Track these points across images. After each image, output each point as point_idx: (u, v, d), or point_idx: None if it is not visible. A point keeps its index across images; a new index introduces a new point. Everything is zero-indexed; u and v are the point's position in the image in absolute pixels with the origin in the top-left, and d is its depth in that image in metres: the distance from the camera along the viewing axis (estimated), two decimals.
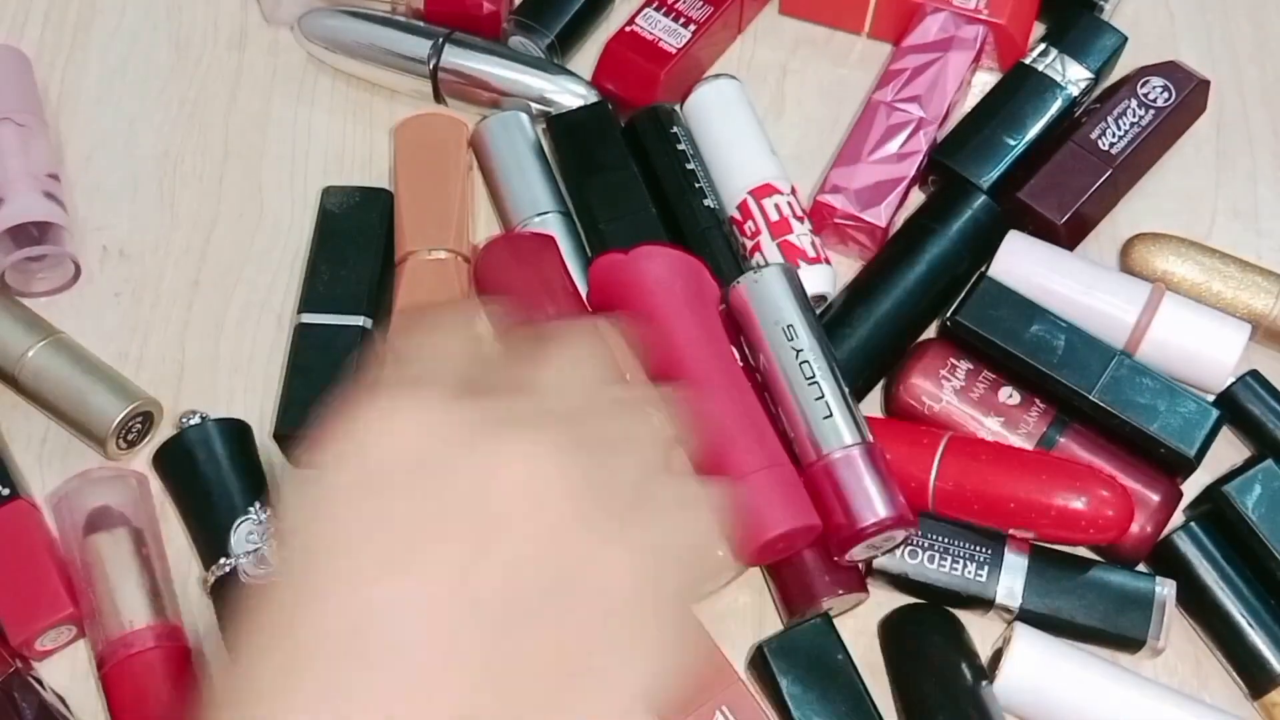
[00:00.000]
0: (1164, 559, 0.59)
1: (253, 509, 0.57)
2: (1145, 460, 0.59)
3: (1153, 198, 0.69)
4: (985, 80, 0.70)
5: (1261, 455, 0.60)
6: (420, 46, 0.69)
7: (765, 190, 0.65)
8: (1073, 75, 0.68)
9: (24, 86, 0.69)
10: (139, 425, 0.61)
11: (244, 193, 0.69)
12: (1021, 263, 0.63)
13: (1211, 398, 0.62)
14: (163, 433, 0.62)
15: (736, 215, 0.65)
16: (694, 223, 0.64)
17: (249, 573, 0.56)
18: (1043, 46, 0.69)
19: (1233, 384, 0.62)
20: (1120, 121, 0.66)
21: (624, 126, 0.68)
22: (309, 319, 0.62)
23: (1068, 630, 0.57)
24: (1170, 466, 0.59)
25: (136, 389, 0.61)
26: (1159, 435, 0.59)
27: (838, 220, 0.65)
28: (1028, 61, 0.69)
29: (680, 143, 0.66)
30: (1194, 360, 0.61)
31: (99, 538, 0.58)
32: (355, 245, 0.64)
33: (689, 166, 0.66)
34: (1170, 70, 0.68)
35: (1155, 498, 0.58)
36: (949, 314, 0.62)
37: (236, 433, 0.60)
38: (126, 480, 0.60)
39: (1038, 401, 0.60)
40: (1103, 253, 0.67)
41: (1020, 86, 0.68)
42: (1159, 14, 0.75)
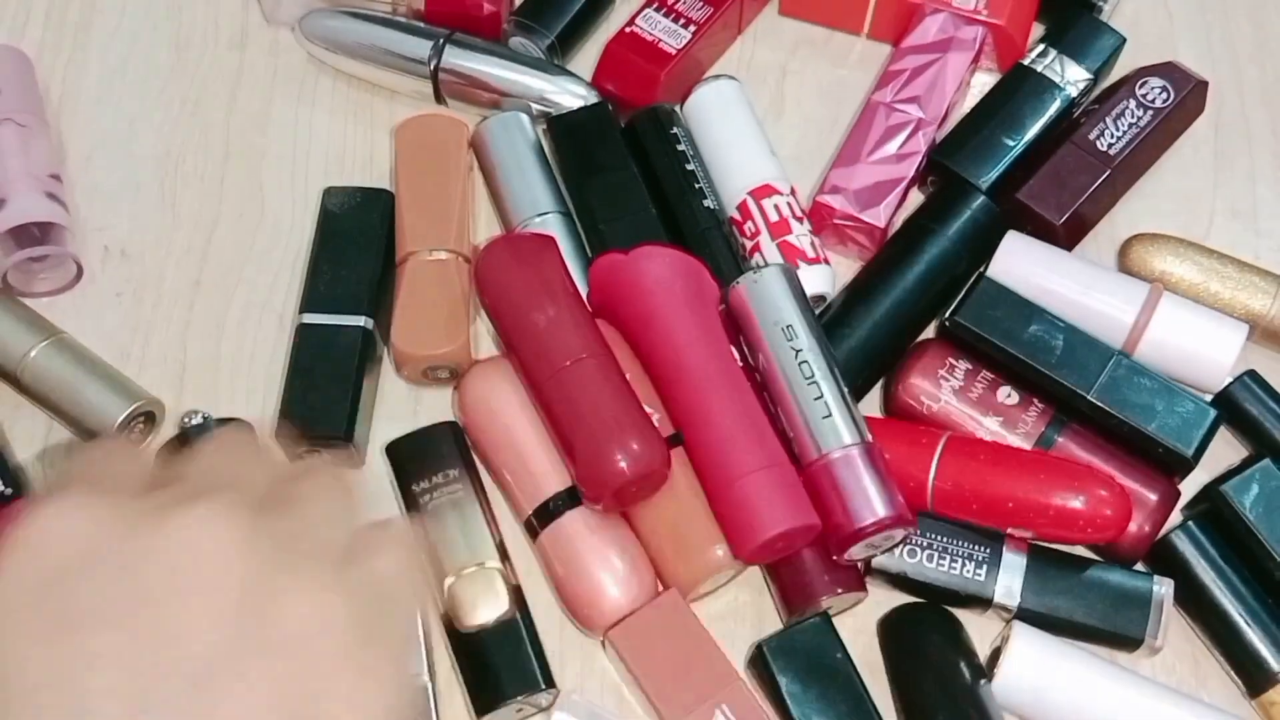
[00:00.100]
0: (1162, 558, 0.59)
1: None
2: (1143, 460, 0.60)
3: (1151, 198, 0.69)
4: (984, 81, 0.71)
5: (1259, 455, 0.60)
6: (421, 47, 0.69)
7: (765, 191, 0.65)
8: (1071, 76, 0.68)
9: (25, 87, 0.69)
10: (141, 425, 0.61)
11: (245, 193, 0.69)
12: (1020, 263, 0.63)
13: (1209, 397, 0.62)
14: (165, 432, 0.63)
15: (736, 215, 0.66)
16: (694, 223, 0.65)
17: None
18: (1042, 47, 0.69)
19: (1230, 384, 0.62)
20: (1119, 122, 0.66)
21: (624, 127, 0.68)
22: (310, 319, 0.62)
23: (1066, 629, 0.57)
24: (1168, 466, 0.60)
25: (138, 389, 0.62)
26: (1157, 435, 0.59)
27: (837, 220, 0.66)
28: (1026, 62, 0.69)
29: (680, 143, 0.67)
30: (1192, 360, 0.62)
31: None
32: (356, 245, 0.64)
33: (689, 167, 0.66)
34: (1169, 71, 0.68)
35: (1153, 497, 0.59)
36: (948, 314, 0.62)
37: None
38: None
39: (1036, 401, 0.61)
40: (1101, 253, 0.68)
41: (1019, 87, 0.68)
42: (1158, 14, 0.75)
